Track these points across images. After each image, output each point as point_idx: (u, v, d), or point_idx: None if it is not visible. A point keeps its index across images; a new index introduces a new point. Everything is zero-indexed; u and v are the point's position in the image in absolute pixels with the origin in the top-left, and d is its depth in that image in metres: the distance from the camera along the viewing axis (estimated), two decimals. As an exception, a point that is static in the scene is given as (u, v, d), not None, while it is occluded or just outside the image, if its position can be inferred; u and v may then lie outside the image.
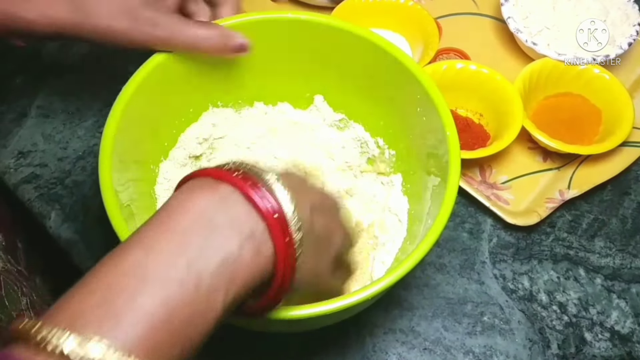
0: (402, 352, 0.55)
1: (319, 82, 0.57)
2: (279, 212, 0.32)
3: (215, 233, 0.31)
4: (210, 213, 0.31)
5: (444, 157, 0.47)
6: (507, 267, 0.59)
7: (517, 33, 0.67)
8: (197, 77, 0.53)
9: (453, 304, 0.57)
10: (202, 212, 0.31)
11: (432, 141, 0.50)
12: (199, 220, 0.31)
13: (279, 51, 0.54)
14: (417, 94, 0.49)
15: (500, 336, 0.55)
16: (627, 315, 0.57)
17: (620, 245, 0.60)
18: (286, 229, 0.33)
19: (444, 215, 0.43)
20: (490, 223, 0.61)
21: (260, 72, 0.55)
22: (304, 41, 0.53)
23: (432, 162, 0.50)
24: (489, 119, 0.65)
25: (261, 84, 0.57)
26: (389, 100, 0.54)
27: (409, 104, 0.51)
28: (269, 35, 0.53)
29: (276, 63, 0.55)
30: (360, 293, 0.40)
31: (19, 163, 0.63)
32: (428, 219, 0.48)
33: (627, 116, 0.62)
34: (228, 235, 0.31)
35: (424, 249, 0.42)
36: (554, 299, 0.57)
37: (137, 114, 0.49)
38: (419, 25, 0.69)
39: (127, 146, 0.48)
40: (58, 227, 0.60)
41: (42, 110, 0.67)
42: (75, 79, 0.69)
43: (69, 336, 0.26)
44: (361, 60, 0.53)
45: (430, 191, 0.50)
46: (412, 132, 0.53)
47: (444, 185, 0.45)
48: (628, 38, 0.66)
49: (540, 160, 0.64)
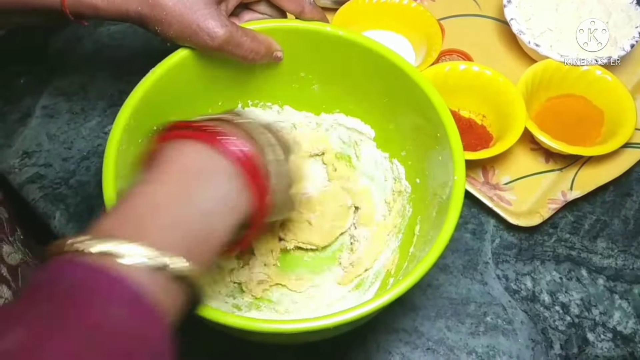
0: (406, 351, 0.55)
1: (346, 100, 0.58)
2: (250, 157, 0.38)
3: (204, 175, 0.36)
4: (196, 161, 0.37)
5: (447, 199, 0.46)
6: (509, 267, 0.59)
7: (519, 34, 0.68)
8: (215, 78, 0.54)
9: (456, 304, 0.57)
10: (189, 160, 0.37)
11: (441, 183, 0.49)
12: (190, 165, 0.37)
13: (311, 62, 0.55)
14: (437, 132, 0.49)
15: (503, 336, 0.56)
16: (630, 315, 0.57)
17: (622, 246, 0.61)
18: (258, 170, 0.38)
19: (430, 261, 0.43)
20: (493, 224, 0.61)
21: (286, 79, 0.56)
22: (342, 59, 0.54)
23: (436, 201, 0.50)
24: (492, 120, 0.65)
25: (288, 90, 0.58)
26: (414, 131, 0.54)
27: (431, 139, 0.51)
28: (308, 46, 0.54)
29: (306, 72, 0.56)
30: (355, 310, 0.40)
31: (24, 163, 0.64)
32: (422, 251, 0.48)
33: (630, 118, 0.62)
34: (215, 177, 0.37)
35: (431, 260, 0.42)
36: (557, 299, 0.58)
37: (149, 112, 0.49)
38: (422, 26, 0.69)
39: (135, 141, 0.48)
40: (63, 226, 0.60)
41: (46, 110, 0.67)
42: (80, 79, 0.69)
43: (110, 242, 0.31)
44: (384, 81, 0.53)
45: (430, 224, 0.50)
46: (429, 168, 0.53)
47: (440, 227, 0.45)
48: (630, 40, 0.67)
49: (542, 161, 0.65)
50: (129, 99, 0.48)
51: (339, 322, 0.40)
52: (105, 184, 0.43)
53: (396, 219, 0.56)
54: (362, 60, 0.53)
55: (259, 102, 0.59)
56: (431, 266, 0.42)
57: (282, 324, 0.40)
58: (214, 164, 0.37)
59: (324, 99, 0.59)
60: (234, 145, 0.37)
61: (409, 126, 0.54)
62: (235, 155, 0.37)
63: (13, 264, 0.54)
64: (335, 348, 0.55)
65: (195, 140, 0.37)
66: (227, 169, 0.37)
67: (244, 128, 0.40)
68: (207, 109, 0.56)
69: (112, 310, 0.29)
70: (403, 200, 0.56)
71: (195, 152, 0.37)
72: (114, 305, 0.29)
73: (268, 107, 0.59)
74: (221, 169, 0.37)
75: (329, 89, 0.57)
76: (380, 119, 0.57)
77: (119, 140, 0.46)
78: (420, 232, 0.52)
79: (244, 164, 0.37)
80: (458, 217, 0.44)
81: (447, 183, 0.47)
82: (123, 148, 0.46)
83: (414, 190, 0.55)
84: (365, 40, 0.52)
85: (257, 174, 0.38)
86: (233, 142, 0.37)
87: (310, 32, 0.53)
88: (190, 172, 0.36)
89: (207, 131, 0.38)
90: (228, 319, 0.39)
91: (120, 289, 0.30)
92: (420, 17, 0.70)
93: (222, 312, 0.39)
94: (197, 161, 0.37)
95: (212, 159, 0.37)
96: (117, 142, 0.45)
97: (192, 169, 0.36)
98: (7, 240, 0.56)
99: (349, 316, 0.40)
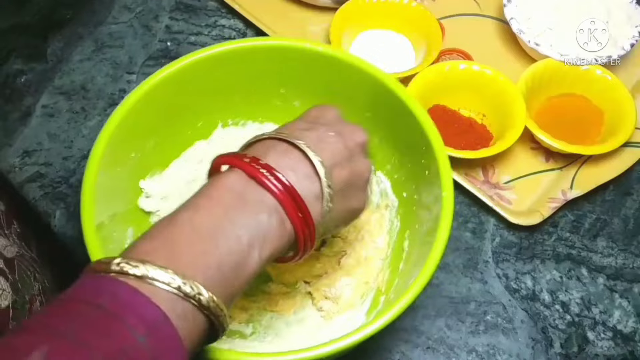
0: (406, 350, 0.55)
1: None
2: (291, 191, 0.38)
3: (248, 205, 0.37)
4: (240, 190, 0.37)
5: (437, 216, 0.45)
6: (510, 266, 0.59)
7: (519, 34, 0.68)
8: (204, 95, 0.54)
9: (456, 303, 0.57)
10: (234, 189, 0.37)
11: (429, 198, 0.49)
12: (233, 194, 0.37)
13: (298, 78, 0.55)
14: (422, 145, 0.48)
15: (503, 335, 0.56)
16: (630, 314, 0.57)
17: (622, 245, 0.61)
18: (300, 203, 0.38)
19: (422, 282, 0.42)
20: (493, 223, 0.61)
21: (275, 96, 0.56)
22: (316, 72, 0.54)
23: (424, 217, 0.49)
24: (492, 119, 0.65)
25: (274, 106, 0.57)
26: (399, 144, 0.54)
27: (417, 153, 0.50)
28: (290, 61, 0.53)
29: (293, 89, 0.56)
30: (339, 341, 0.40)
31: (24, 162, 0.64)
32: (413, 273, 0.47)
33: (630, 117, 0.62)
34: (257, 207, 0.37)
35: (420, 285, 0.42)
36: (557, 298, 0.58)
37: (125, 140, 0.50)
38: (422, 26, 0.69)
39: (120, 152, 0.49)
40: (63, 225, 0.60)
41: (47, 109, 0.67)
42: (80, 78, 0.69)
43: (145, 266, 0.32)
44: (366, 96, 0.53)
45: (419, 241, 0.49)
46: (415, 181, 0.52)
47: (430, 244, 0.44)
48: (630, 39, 0.67)
49: (542, 160, 0.65)
50: (104, 128, 0.48)
51: (329, 352, 0.40)
52: (85, 226, 0.44)
53: (385, 238, 0.55)
54: (343, 75, 0.52)
55: (239, 120, 0.58)
56: (423, 287, 0.42)
57: (270, 356, 0.40)
58: (256, 196, 0.37)
59: None
60: (277, 181, 0.37)
61: (393, 140, 0.53)
62: (277, 189, 0.37)
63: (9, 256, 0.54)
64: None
65: (242, 170, 0.38)
66: (268, 202, 0.37)
67: (307, 145, 0.40)
68: (187, 131, 0.56)
69: (137, 333, 0.30)
70: (390, 215, 0.55)
71: (241, 182, 0.37)
72: (140, 327, 0.30)
73: (249, 126, 0.59)
74: (263, 202, 0.37)
75: (310, 104, 0.57)
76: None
77: (95, 173, 0.46)
78: (409, 248, 0.51)
79: (285, 198, 0.37)
80: (449, 234, 0.44)
81: (436, 199, 0.46)
82: (100, 179, 0.46)
83: (401, 204, 0.54)
84: (345, 55, 0.52)
85: (299, 205, 0.38)
86: (277, 176, 0.38)
87: (288, 49, 0.52)
88: (233, 201, 0.37)
89: (253, 164, 0.38)
90: (221, 355, 0.39)
91: (149, 312, 0.31)
92: (421, 16, 0.70)
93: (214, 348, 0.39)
94: (241, 191, 0.37)
95: (253, 189, 0.37)
96: (94, 174, 0.46)
97: (235, 199, 0.37)
98: (3, 234, 0.56)
99: (338, 345, 0.40)
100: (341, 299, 0.53)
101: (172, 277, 0.32)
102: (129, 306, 0.30)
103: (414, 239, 0.50)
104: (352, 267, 0.54)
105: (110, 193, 0.49)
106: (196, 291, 0.32)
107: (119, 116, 0.49)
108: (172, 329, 0.31)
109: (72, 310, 0.30)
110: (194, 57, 0.52)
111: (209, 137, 0.58)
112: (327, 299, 0.53)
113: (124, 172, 0.51)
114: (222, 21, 0.74)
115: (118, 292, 0.31)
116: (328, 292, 0.53)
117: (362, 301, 0.53)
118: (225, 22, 0.73)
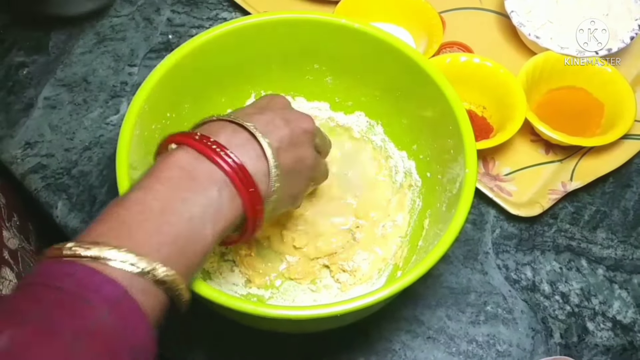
0: (406, 340, 0.55)
1: (359, 93, 0.58)
2: (240, 167, 0.39)
3: (197, 181, 0.38)
4: (190, 167, 0.38)
5: (458, 192, 0.46)
6: (510, 257, 0.59)
7: (520, 27, 0.68)
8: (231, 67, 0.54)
9: (457, 294, 0.57)
10: (183, 166, 0.38)
11: (452, 177, 0.49)
12: (183, 171, 0.38)
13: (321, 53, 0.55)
14: (449, 124, 0.49)
15: (503, 325, 0.56)
16: (629, 305, 0.58)
17: (622, 236, 0.61)
18: (250, 179, 0.39)
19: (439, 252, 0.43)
20: (493, 214, 0.61)
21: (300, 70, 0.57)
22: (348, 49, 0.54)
23: (445, 195, 0.50)
24: (492, 111, 0.65)
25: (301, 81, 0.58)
26: (426, 125, 0.54)
27: (443, 133, 0.51)
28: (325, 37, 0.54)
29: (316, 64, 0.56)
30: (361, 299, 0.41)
31: (26, 153, 0.64)
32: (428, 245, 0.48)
33: (629, 109, 0.62)
34: (207, 183, 0.38)
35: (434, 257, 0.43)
36: (557, 289, 0.58)
37: (163, 98, 0.50)
38: (423, 19, 0.70)
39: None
40: (65, 216, 0.61)
41: (49, 101, 0.67)
42: (82, 71, 0.69)
43: (98, 247, 0.32)
44: (397, 75, 0.53)
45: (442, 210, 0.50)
46: (439, 161, 0.53)
47: (449, 220, 0.44)
48: (630, 32, 0.67)
49: (542, 152, 0.65)
50: (144, 84, 0.48)
51: (346, 310, 0.40)
52: (119, 169, 0.44)
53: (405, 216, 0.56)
54: (375, 52, 0.53)
55: (271, 92, 0.58)
56: (439, 258, 0.42)
57: (289, 309, 0.40)
58: (206, 172, 0.38)
59: (337, 91, 0.59)
60: (227, 157, 0.38)
61: (421, 119, 0.54)
62: (227, 165, 0.38)
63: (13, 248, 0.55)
64: (337, 335, 0.55)
65: (192, 148, 0.39)
66: (218, 178, 0.38)
67: (255, 127, 0.41)
68: (221, 98, 0.57)
69: (100, 311, 0.30)
70: (413, 195, 0.56)
71: (188, 158, 0.38)
72: (102, 305, 0.30)
73: None
74: (213, 178, 0.38)
75: (342, 81, 0.57)
76: (393, 113, 0.57)
77: (133, 125, 0.46)
78: (430, 226, 0.52)
79: (236, 173, 0.38)
80: (468, 211, 0.44)
81: (457, 176, 0.47)
82: (137, 133, 0.46)
83: (424, 184, 0.55)
84: (380, 32, 0.52)
85: (249, 182, 0.39)
86: (227, 153, 0.39)
87: (324, 23, 0.53)
88: (182, 179, 0.37)
89: (204, 141, 0.39)
90: (240, 305, 0.40)
91: (108, 290, 0.31)
92: (421, 9, 0.70)
93: (235, 298, 0.41)
94: (189, 167, 0.38)
95: (204, 166, 0.38)
96: (132, 126, 0.46)
97: (184, 176, 0.38)
98: (5, 226, 0.56)
99: (355, 305, 0.40)
100: (358, 272, 0.54)
101: (125, 255, 0.32)
102: (88, 285, 0.31)
103: (435, 217, 0.51)
104: (368, 243, 0.56)
105: (143, 147, 0.49)
106: (151, 267, 0.33)
107: (160, 73, 0.49)
108: (133, 304, 0.32)
109: (32, 294, 0.31)
110: (238, 23, 0.52)
111: (241, 105, 0.58)
112: (344, 272, 0.55)
113: (157, 131, 0.51)
114: (224, 14, 0.74)
115: (75, 274, 0.31)
116: (345, 265, 0.55)
117: (379, 275, 0.54)
118: (226, 15, 0.74)
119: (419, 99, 0.53)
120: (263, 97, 0.48)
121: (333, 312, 0.40)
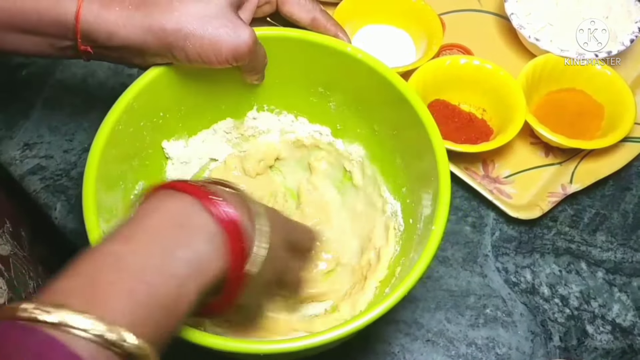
0: (405, 343, 0.55)
1: (359, 124, 0.56)
2: (234, 220, 0.35)
3: (184, 232, 0.34)
4: (178, 216, 0.35)
5: (423, 246, 0.44)
6: (509, 260, 0.59)
7: (520, 29, 0.68)
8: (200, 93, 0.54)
9: (456, 297, 0.57)
10: (172, 214, 0.35)
11: (423, 225, 0.48)
12: (170, 220, 0.34)
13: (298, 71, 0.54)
14: (432, 175, 0.47)
15: (502, 328, 0.56)
16: (629, 308, 0.57)
17: (621, 239, 0.61)
18: (240, 236, 0.36)
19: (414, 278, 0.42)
20: (493, 217, 0.61)
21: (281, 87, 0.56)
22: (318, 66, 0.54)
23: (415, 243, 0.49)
24: (492, 114, 0.65)
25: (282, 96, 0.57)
26: (412, 168, 0.53)
27: (426, 182, 0.49)
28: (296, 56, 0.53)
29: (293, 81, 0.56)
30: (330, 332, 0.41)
31: (25, 154, 0.64)
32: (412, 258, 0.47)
33: (629, 112, 0.62)
34: (195, 235, 0.34)
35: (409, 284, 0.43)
36: (556, 292, 0.58)
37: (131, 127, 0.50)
38: (422, 21, 0.70)
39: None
40: (64, 218, 0.61)
41: (48, 102, 0.67)
42: (81, 72, 0.69)
43: (60, 312, 0.28)
44: (395, 113, 0.52)
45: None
46: (419, 210, 0.51)
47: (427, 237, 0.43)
48: (630, 35, 0.67)
49: (542, 155, 0.65)
50: (140, 78, 0.49)
51: (316, 344, 0.40)
52: (87, 209, 0.44)
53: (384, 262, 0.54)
54: (375, 85, 0.51)
55: (275, 107, 0.58)
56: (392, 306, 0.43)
57: (259, 344, 0.40)
58: (197, 219, 0.35)
59: (340, 118, 0.57)
60: (223, 206, 0.35)
61: (411, 163, 0.53)
62: (222, 214, 0.35)
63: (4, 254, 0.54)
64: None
65: (185, 193, 0.35)
66: (210, 226, 0.35)
67: (241, 197, 0.38)
68: (221, 105, 0.56)
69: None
70: (394, 239, 0.54)
71: (181, 204, 0.35)
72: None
73: (283, 115, 0.58)
74: (204, 226, 0.35)
75: (344, 109, 0.56)
76: (388, 150, 0.55)
77: (118, 116, 0.47)
78: (400, 275, 0.50)
79: (228, 224, 0.35)
80: (427, 265, 0.43)
81: (428, 231, 0.45)
82: (121, 127, 0.47)
83: (405, 229, 0.53)
84: (382, 67, 0.51)
85: (240, 238, 0.36)
86: (222, 203, 0.35)
87: (330, 49, 0.52)
88: (169, 227, 0.34)
89: (200, 188, 0.36)
90: (213, 342, 0.39)
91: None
92: (421, 11, 0.70)
93: (208, 335, 0.39)
94: (180, 214, 0.35)
95: (197, 214, 0.35)
96: (117, 116, 0.48)
97: (172, 223, 0.34)
98: None
99: (320, 339, 0.40)
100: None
101: (92, 323, 0.28)
102: (50, 356, 0.27)
103: (405, 265, 0.49)
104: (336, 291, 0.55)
105: (127, 143, 0.49)
106: (120, 337, 0.29)
107: (155, 72, 0.49)
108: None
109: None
110: None
111: (241, 117, 0.58)
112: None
113: (146, 128, 0.51)
114: (223, 16, 0.74)
115: (27, 344, 0.27)
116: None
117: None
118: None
119: (411, 143, 0.51)
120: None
121: (303, 346, 0.40)
